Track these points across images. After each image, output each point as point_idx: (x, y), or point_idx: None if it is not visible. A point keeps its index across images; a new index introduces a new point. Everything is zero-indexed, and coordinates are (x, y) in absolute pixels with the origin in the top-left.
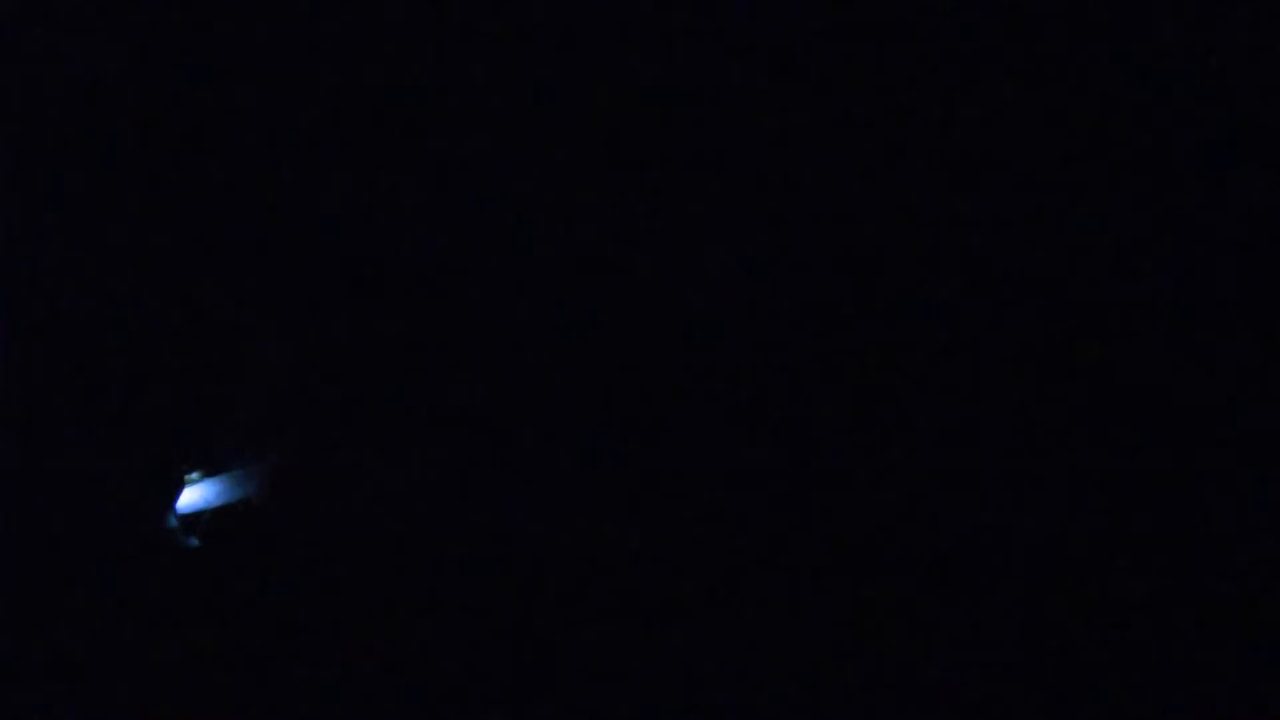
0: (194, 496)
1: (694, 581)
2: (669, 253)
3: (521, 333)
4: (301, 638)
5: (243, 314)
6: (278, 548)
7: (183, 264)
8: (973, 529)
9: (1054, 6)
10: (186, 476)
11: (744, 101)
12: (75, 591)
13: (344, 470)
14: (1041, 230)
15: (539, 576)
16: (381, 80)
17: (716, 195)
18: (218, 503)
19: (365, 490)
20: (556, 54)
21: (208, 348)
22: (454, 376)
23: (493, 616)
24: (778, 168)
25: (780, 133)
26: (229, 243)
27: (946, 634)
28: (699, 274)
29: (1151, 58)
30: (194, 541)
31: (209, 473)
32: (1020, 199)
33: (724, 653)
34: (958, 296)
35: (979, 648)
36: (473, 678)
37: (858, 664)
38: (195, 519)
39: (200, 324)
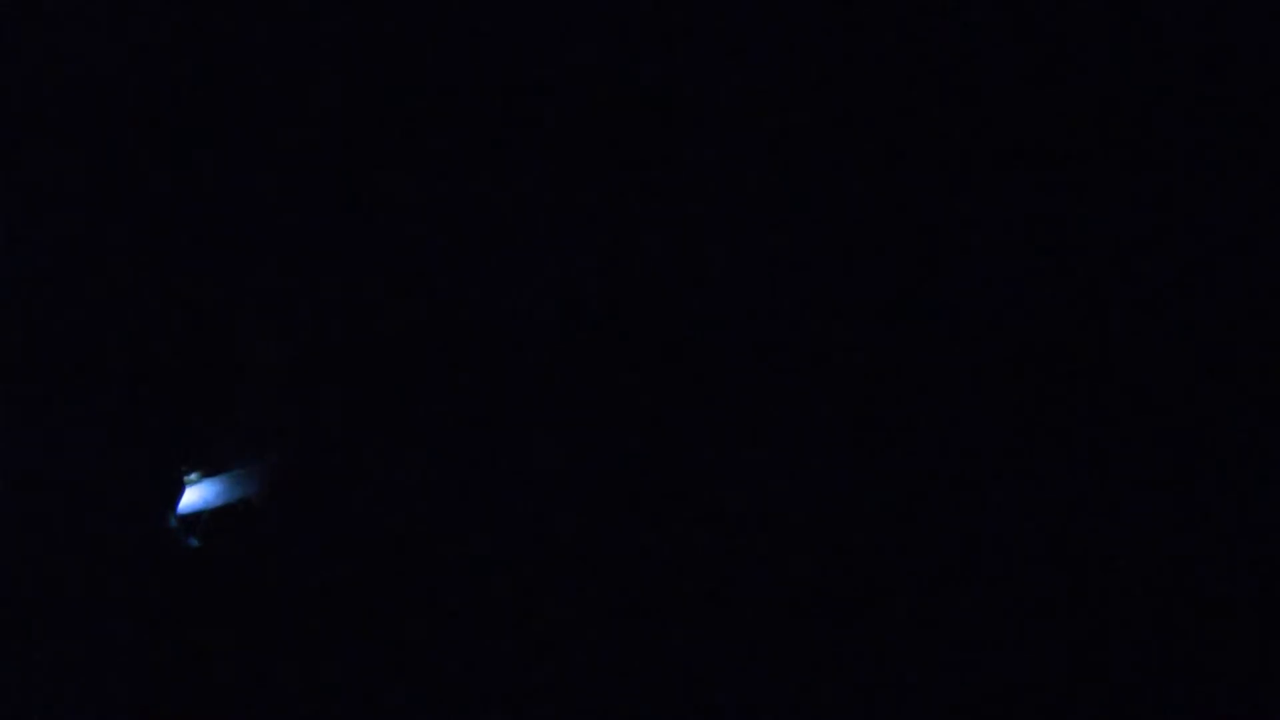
0: (194, 496)
1: (694, 581)
2: (669, 253)
3: (521, 333)
4: (301, 637)
5: (242, 314)
6: (278, 548)
7: (183, 264)
8: (973, 529)
9: (1054, 6)
10: (186, 477)
11: (744, 101)
12: (75, 591)
13: (344, 470)
14: (1043, 230)
15: (539, 576)
16: (381, 80)
17: (717, 195)
18: (218, 503)
19: (365, 490)
20: (556, 54)
21: (208, 348)
22: (454, 376)
23: (492, 616)
24: (778, 168)
25: (780, 132)
26: (229, 243)
27: (947, 635)
28: (700, 274)
29: (1151, 58)
30: (194, 541)
31: (209, 473)
32: (1021, 199)
33: (724, 653)
34: (958, 297)
35: (979, 648)
36: (473, 677)
37: (858, 664)
38: (195, 519)
39: (200, 324)
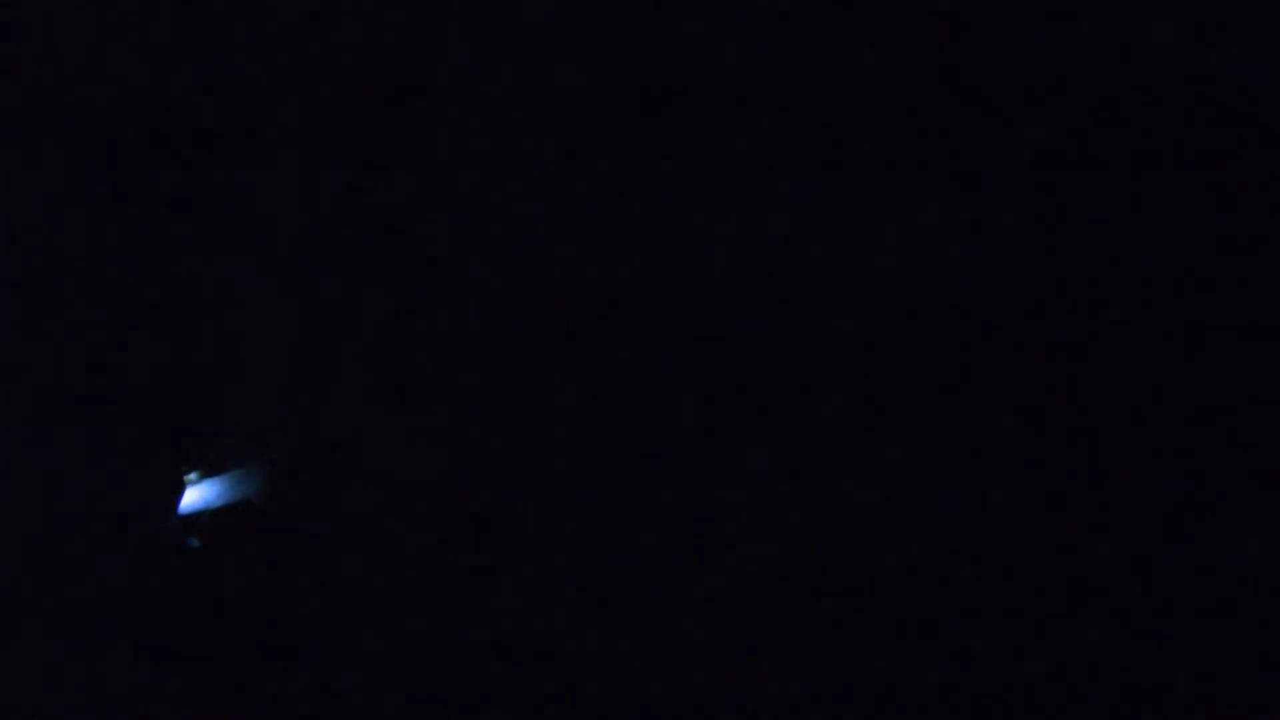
0: (194, 496)
1: (694, 581)
2: (670, 253)
3: (521, 332)
4: (302, 637)
5: (242, 315)
6: (278, 548)
7: (183, 264)
8: (973, 530)
9: (1054, 6)
10: (186, 477)
11: (744, 101)
12: (75, 591)
13: (344, 470)
14: (1044, 230)
15: (539, 576)
16: (383, 80)
17: (718, 195)
18: (218, 503)
19: (365, 490)
20: (555, 53)
21: (208, 348)
22: (454, 376)
23: (493, 616)
24: (778, 168)
25: (781, 132)
26: (229, 243)
27: (947, 635)
28: (700, 274)
29: (1151, 58)
30: (194, 541)
31: (209, 473)
32: (1022, 199)
33: (724, 653)
34: (959, 298)
35: (979, 648)
36: (473, 677)
37: (858, 665)
38: (195, 519)
39: (200, 324)
